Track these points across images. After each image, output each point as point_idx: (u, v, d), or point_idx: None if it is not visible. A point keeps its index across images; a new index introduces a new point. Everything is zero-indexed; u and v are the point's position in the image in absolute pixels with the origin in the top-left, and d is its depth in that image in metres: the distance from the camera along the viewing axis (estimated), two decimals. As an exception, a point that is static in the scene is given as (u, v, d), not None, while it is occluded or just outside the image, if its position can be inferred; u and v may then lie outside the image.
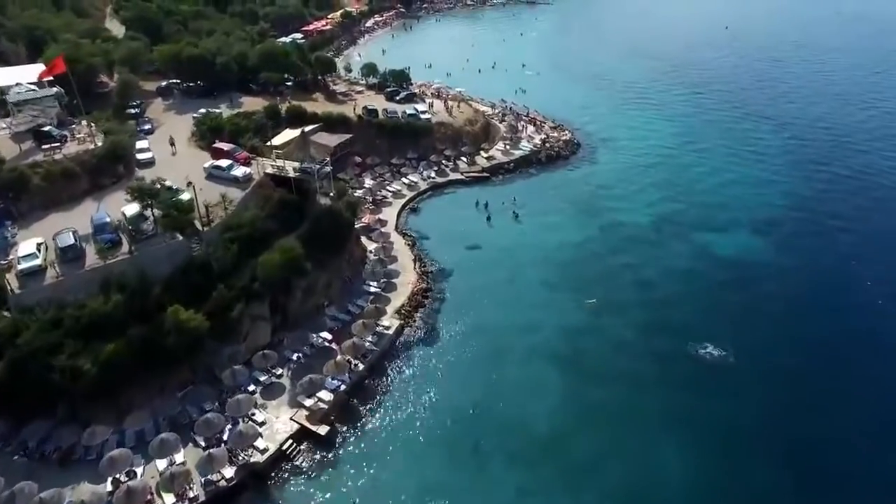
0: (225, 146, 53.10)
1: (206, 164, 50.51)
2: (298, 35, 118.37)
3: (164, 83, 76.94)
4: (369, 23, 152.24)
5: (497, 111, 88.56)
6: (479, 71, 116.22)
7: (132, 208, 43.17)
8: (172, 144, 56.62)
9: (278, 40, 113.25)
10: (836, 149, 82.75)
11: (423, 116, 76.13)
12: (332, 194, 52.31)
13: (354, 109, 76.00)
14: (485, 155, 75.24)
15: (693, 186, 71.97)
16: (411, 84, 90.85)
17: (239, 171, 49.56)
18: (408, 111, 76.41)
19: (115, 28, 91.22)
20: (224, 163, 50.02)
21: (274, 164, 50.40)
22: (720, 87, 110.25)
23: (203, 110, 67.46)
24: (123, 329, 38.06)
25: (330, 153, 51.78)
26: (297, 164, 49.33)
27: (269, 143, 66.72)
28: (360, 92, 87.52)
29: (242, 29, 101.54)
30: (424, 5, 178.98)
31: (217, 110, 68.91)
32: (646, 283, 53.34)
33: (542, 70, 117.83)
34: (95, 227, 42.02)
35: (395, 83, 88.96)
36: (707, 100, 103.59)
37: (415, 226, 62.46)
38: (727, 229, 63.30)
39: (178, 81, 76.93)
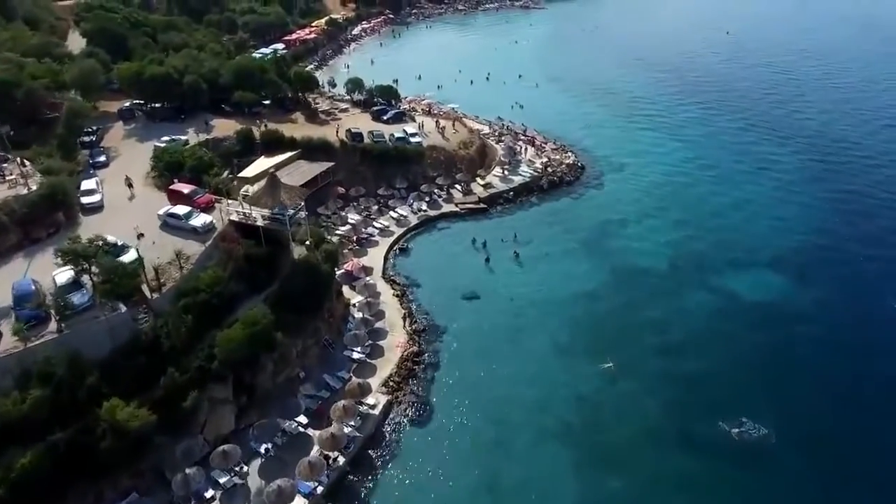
0: (184, 188, 45.94)
1: (161, 211, 43.38)
2: (280, 45, 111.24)
3: (126, 104, 69.62)
4: (356, 30, 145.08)
5: (493, 131, 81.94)
6: (472, 83, 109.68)
7: (64, 275, 36.04)
8: (130, 185, 49.11)
9: (258, 51, 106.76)
10: (856, 168, 76.93)
11: (413, 140, 69.28)
12: (308, 242, 45.48)
13: (337, 132, 69.00)
14: (481, 182, 68.53)
15: (708, 216, 65.68)
16: (400, 101, 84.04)
17: (199, 219, 42.50)
18: (396, 134, 69.54)
19: (77, 42, 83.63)
20: (181, 210, 42.89)
21: (240, 210, 43.39)
22: (729, 99, 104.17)
23: (167, 138, 60.34)
24: (46, 432, 31.06)
25: (304, 196, 44.80)
26: (266, 212, 42.38)
27: (240, 175, 60.35)
28: (344, 110, 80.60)
29: (218, 40, 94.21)
30: (414, 10, 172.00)
31: (182, 137, 61.82)
32: (668, 342, 46.86)
33: (540, 81, 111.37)
34: (16, 298, 34.77)
35: (382, 100, 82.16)
36: (716, 114, 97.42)
37: (404, 270, 55.61)
38: (750, 267, 57.13)
39: (142, 103, 69.59)
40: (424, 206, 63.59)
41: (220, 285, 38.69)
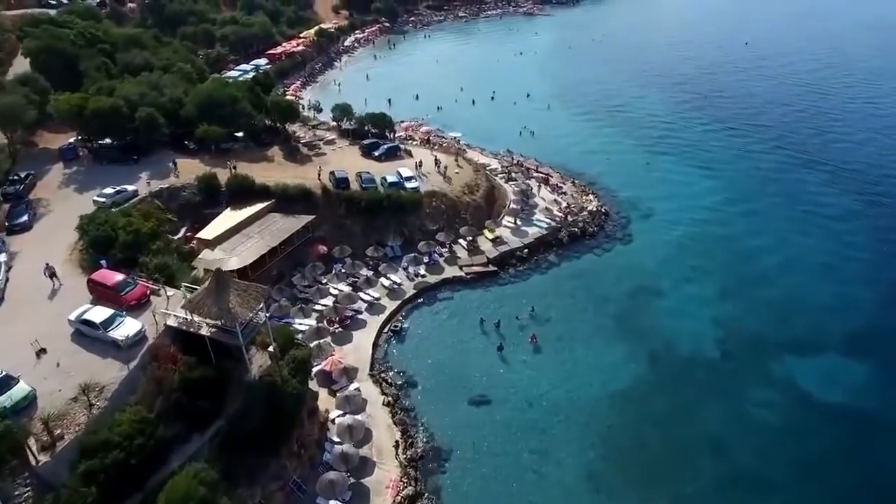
0: (109, 277, 35.11)
1: (73, 316, 32.67)
2: (262, 61, 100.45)
3: (70, 141, 58.88)
4: (349, 41, 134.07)
5: (502, 167, 71.36)
6: (474, 102, 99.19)
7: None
8: (53, 276, 37.43)
9: (237, 68, 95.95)
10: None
11: (408, 185, 58.63)
12: (272, 348, 34.92)
13: (319, 175, 58.31)
14: (490, 236, 58.01)
15: (757, 281, 55.13)
16: (394, 131, 73.47)
17: (122, 329, 31.77)
18: (389, 177, 58.89)
19: (21, 65, 72.57)
20: (99, 316, 32.08)
21: (180, 314, 32.72)
22: (756, 119, 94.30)
23: (111, 190, 49.59)
24: None
25: (264, 296, 34.17)
26: (214, 321, 31.76)
27: (199, 236, 49.82)
28: (330, 141, 70.06)
29: (190, 58, 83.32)
30: (411, 18, 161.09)
31: (130, 187, 51.08)
32: (731, 470, 36.95)
33: (550, 101, 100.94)
34: None
35: (374, 130, 71.58)
36: (744, 139, 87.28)
37: (398, 362, 44.96)
38: (818, 352, 46.99)
39: (88, 138, 58.78)
40: (422, 270, 53.05)
41: (145, 434, 28.11)
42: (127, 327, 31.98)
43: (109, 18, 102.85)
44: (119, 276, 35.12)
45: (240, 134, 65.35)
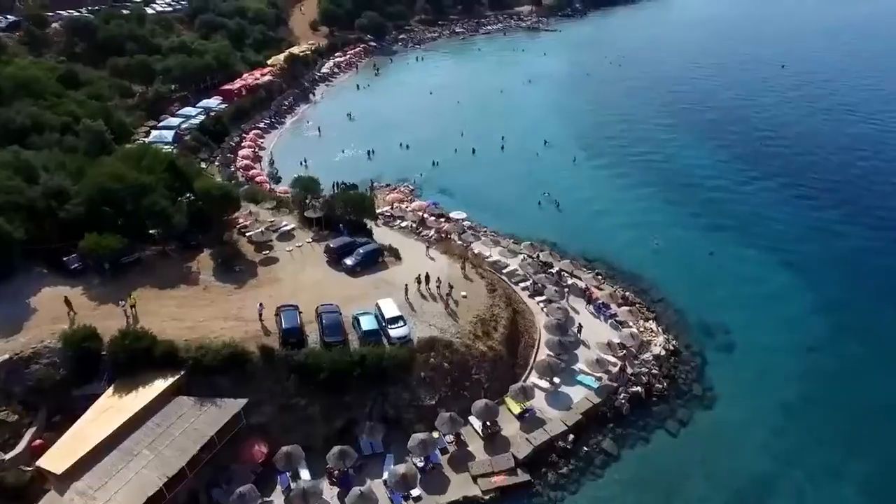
0: None
1: None
2: (213, 101, 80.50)
3: None
4: (327, 66, 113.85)
5: (526, 270, 51.96)
6: (474, 152, 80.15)
7: None
8: None
9: (179, 112, 76.13)
10: None
11: (395, 333, 38.84)
12: None
13: (261, 315, 38.80)
14: (516, 409, 38.66)
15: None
16: (376, 217, 54.14)
17: None
18: (364, 322, 39.18)
19: None
20: None
21: None
22: (820, 172, 77.13)
23: None
24: None
25: None
26: None
27: (40, 464, 30.40)
28: (287, 235, 50.83)
29: (109, 108, 63.44)
30: (401, 36, 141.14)
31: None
32: None
33: (573, 150, 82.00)
34: None
35: (349, 216, 52.22)
36: (812, 202, 70.24)
37: None
38: None
39: None
40: (416, 491, 33.67)
41: None
42: None
43: (24, 45, 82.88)
44: None
45: (156, 231, 45.79)
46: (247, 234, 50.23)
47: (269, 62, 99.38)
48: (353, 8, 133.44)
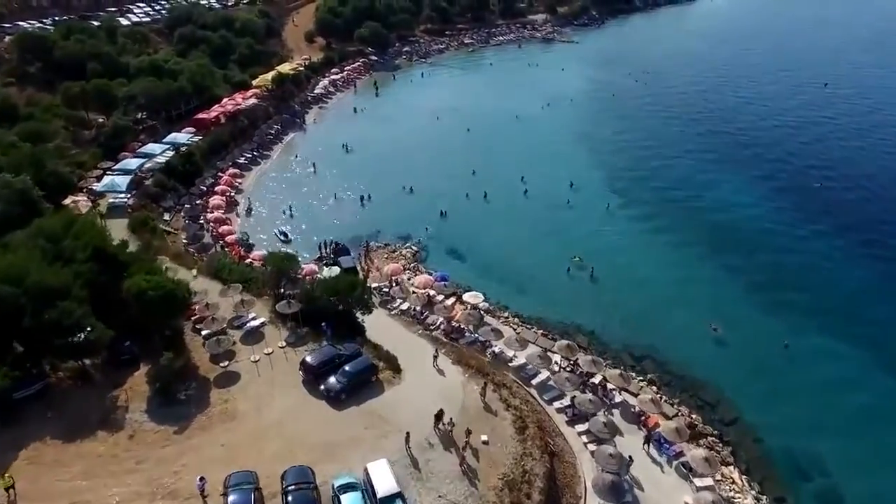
0: None
1: None
2: (184, 136, 68.64)
3: None
4: (322, 84, 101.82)
5: (563, 389, 39.90)
6: (486, 196, 68.40)
7: None
8: None
9: (140, 150, 64.61)
10: None
11: (390, 517, 27.49)
12: None
13: (203, 494, 27.31)
14: None
15: None
16: (369, 308, 42.37)
17: None
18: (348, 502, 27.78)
19: None
20: None
21: None
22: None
23: None
24: None
25: None
26: None
27: None
28: (254, 334, 39.42)
29: (43, 160, 51.85)
30: (405, 48, 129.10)
31: None
32: None
33: (603, 192, 70.36)
34: None
35: (336, 304, 40.64)
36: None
37: None
38: None
39: None
40: None
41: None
42: None
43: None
44: None
45: (82, 336, 34.25)
46: (203, 333, 39.02)
47: (254, 83, 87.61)
48: (353, 17, 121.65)
